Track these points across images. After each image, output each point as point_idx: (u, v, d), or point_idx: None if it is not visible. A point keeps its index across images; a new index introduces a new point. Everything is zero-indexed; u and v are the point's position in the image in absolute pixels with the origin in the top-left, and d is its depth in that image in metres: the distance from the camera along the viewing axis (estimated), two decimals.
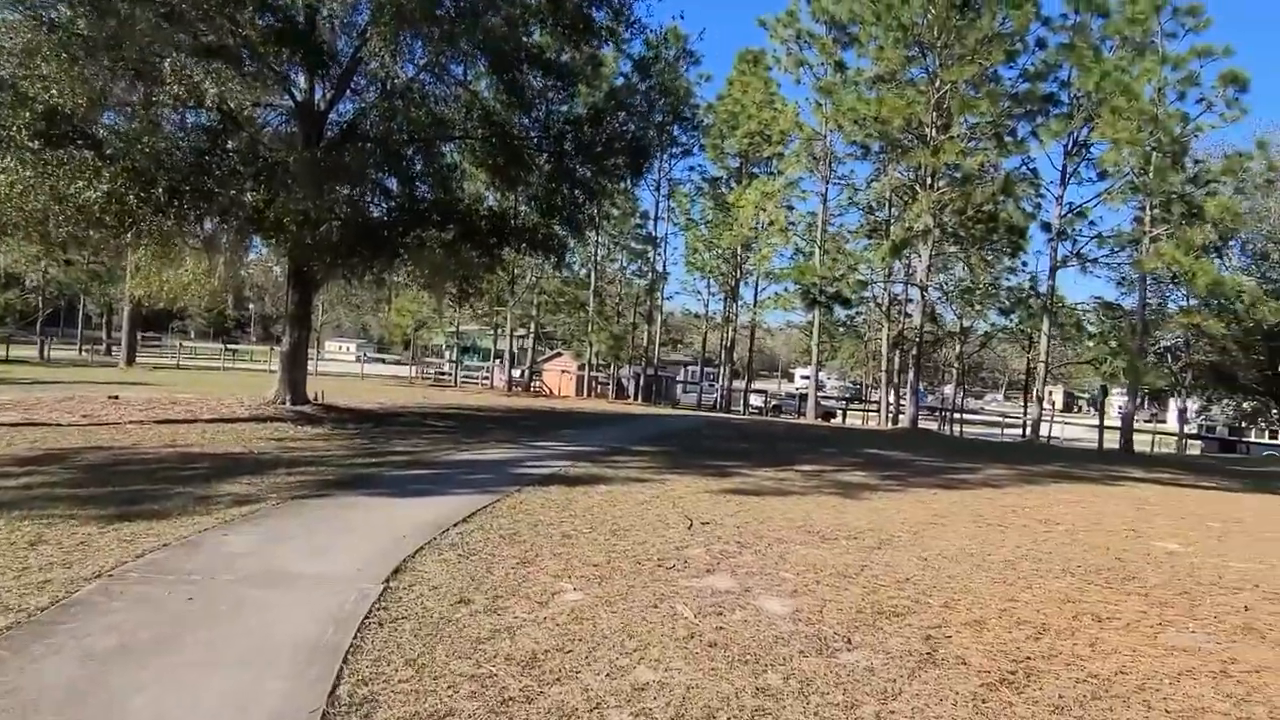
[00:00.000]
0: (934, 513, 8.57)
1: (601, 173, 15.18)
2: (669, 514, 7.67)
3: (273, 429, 12.89)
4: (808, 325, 44.57)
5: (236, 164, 11.73)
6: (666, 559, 6.00)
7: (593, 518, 7.34)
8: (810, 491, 9.60)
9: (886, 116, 23.38)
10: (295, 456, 10.23)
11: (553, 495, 8.37)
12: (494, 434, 14.17)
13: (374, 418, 15.63)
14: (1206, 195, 21.08)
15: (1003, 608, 5.14)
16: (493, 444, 12.65)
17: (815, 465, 12.39)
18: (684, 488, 9.32)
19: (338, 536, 6.24)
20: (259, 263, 32.79)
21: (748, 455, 13.36)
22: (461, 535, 6.45)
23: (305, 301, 15.22)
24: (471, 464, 10.38)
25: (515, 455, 11.51)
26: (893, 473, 12.01)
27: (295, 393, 15.22)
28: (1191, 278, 20.25)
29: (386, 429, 14.07)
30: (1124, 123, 20.88)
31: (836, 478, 11.02)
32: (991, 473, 12.89)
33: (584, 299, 37.53)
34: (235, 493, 7.69)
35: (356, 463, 9.96)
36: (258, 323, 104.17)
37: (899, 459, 14.30)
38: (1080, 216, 24.55)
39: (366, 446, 11.62)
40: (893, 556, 6.40)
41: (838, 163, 30.89)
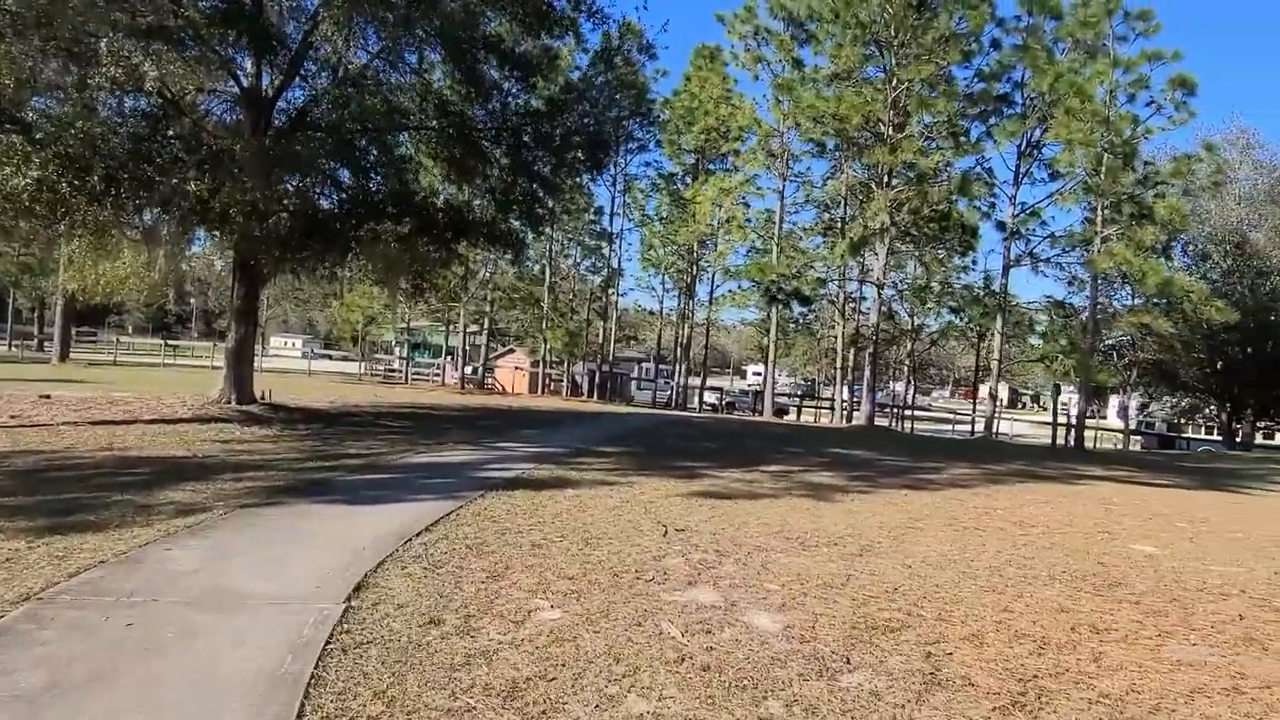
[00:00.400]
0: (909, 516, 8.42)
1: (561, 166, 14.82)
2: (642, 520, 7.38)
3: (218, 430, 12.30)
4: (761, 322, 44.74)
5: (179, 151, 11.10)
6: (645, 570, 5.71)
7: (562, 525, 7.02)
8: (782, 494, 9.39)
9: (845, 114, 23.38)
10: (243, 460, 9.71)
11: (519, 501, 8.02)
12: (452, 434, 13.73)
13: (325, 417, 15.06)
14: (1156, 197, 21.47)
15: (998, 619, 4.95)
16: (451, 445, 12.23)
17: (782, 466, 12.21)
18: (653, 491, 9.04)
19: (292, 550, 5.82)
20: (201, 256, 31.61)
21: (713, 455, 13.14)
22: (425, 546, 6.08)
23: (251, 296, 14.58)
24: (431, 467, 9.96)
25: (476, 457, 11.11)
26: (860, 473, 11.88)
27: (241, 391, 14.58)
28: (1142, 277, 20.60)
29: (339, 429, 13.54)
30: (1078, 124, 21.15)
31: (805, 479, 10.84)
32: (957, 472, 12.85)
33: (539, 295, 37.03)
34: (179, 501, 7.20)
35: (308, 466, 9.48)
36: (199, 318, 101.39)
37: (863, 458, 14.22)
38: (1034, 216, 24.87)
39: (318, 449, 11.11)
40: (876, 564, 6.20)
41: (794, 160, 30.89)
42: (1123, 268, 20.81)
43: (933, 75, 24.02)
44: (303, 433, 12.75)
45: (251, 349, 14.83)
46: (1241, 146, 32.20)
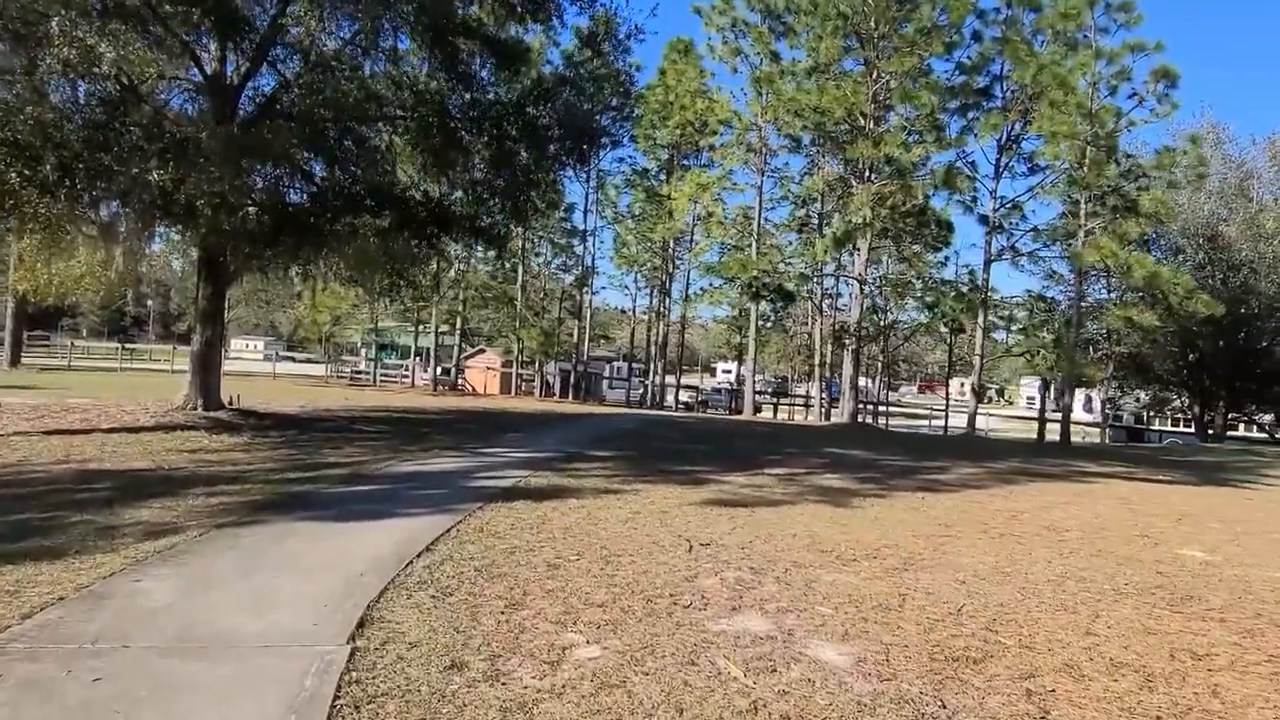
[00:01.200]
0: (937, 522, 7.93)
1: (544, 159, 14.15)
2: (660, 533, 6.79)
3: (184, 439, 11.48)
4: (733, 320, 44.40)
5: (139, 139, 10.27)
6: (680, 593, 5.13)
7: (576, 541, 6.41)
8: (796, 500, 8.85)
9: (827, 107, 22.98)
10: (214, 472, 8.96)
11: (522, 513, 7.39)
12: (434, 440, 13.02)
13: (297, 423, 14.27)
14: (1140, 190, 21.35)
15: (1085, 645, 4.44)
16: (436, 452, 11.53)
17: (784, 468, 11.69)
18: (662, 499, 8.47)
19: (280, 577, 5.14)
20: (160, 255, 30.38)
21: (710, 458, 12.60)
22: (430, 569, 5.44)
23: (218, 295, 13.73)
24: (419, 477, 9.28)
25: (465, 465, 10.43)
26: (867, 475, 11.40)
27: (208, 397, 13.74)
28: (1127, 270, 20.45)
29: (313, 436, 12.77)
30: (1061, 116, 20.93)
31: (814, 482, 10.33)
32: (963, 473, 12.43)
33: (512, 294, 36.23)
34: (147, 521, 6.48)
35: (287, 478, 8.75)
36: (157, 320, 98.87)
37: (863, 458, 13.76)
38: (1016, 209, 24.69)
39: (295, 458, 10.36)
40: (927, 580, 5.68)
41: (771, 155, 30.46)
42: (1108, 261, 20.64)
43: (914, 68, 23.71)
44: (276, 440, 11.97)
45: (218, 352, 14.00)
46: (1212, 141, 32.40)
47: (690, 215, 32.88)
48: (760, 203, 29.87)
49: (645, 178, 36.70)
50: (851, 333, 24.84)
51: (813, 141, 31.25)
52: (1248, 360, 31.62)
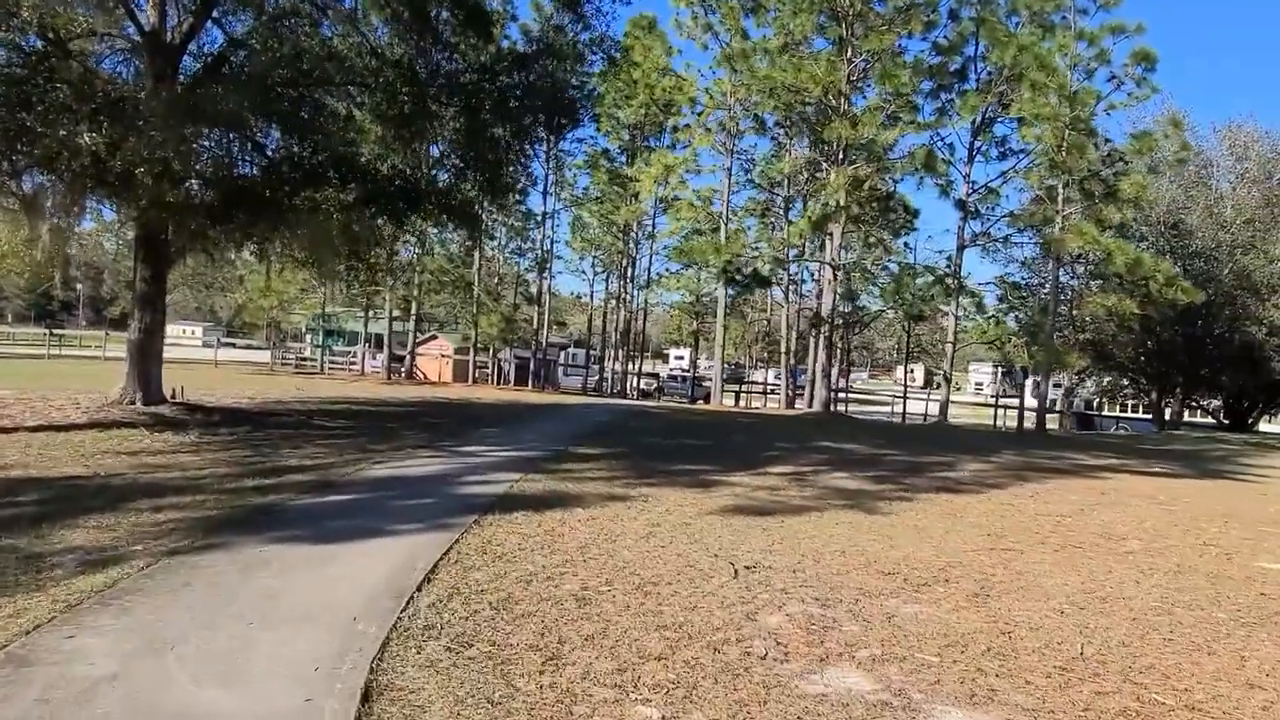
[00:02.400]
0: (983, 531, 7.18)
1: (519, 132, 13.07)
2: (692, 552, 5.91)
3: (123, 438, 10.23)
4: (689, 305, 43.59)
5: (67, 98, 8.96)
6: (747, 638, 4.25)
7: (599, 564, 5.50)
8: (819, 506, 8.03)
9: (803, 85, 22.18)
10: (160, 479, 7.80)
11: (525, 528, 6.44)
12: (405, 437, 11.91)
13: (250, 418, 13.01)
14: (1119, 174, 21.02)
15: (1260, 704, 3.68)
16: (410, 451, 10.45)
17: (787, 466, 10.89)
18: (676, 506, 7.58)
19: (255, 628, 4.13)
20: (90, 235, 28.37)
21: (706, 455, 11.75)
22: (437, 608, 4.49)
23: (158, 278, 12.39)
24: (398, 483, 8.24)
25: (446, 467, 9.40)
26: (875, 473, 10.65)
27: (148, 389, 12.43)
28: (1108, 257, 20.11)
29: (269, 433, 11.56)
30: (1042, 98, 20.46)
31: (827, 483, 9.53)
32: (971, 468, 11.78)
33: (469, 278, 34.88)
34: (82, 546, 5.39)
35: (246, 486, 7.64)
36: (88, 305, 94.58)
37: (861, 453, 13.05)
38: (992, 194, 24.24)
39: (251, 460, 9.21)
40: (1019, 610, 4.89)
41: (739, 137, 29.63)
42: (1089, 247, 20.29)
43: (891, 47, 23.04)
44: (227, 439, 10.77)
45: (160, 340, 12.66)
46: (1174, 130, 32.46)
47: (653, 198, 31.89)
48: (729, 185, 29.04)
49: (607, 159, 35.54)
50: (825, 320, 24.19)
51: (778, 123, 30.51)
52: (1205, 347, 31.86)
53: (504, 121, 12.53)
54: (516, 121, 13.05)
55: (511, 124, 12.95)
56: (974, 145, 25.11)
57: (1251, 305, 30.67)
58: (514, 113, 12.84)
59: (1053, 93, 20.15)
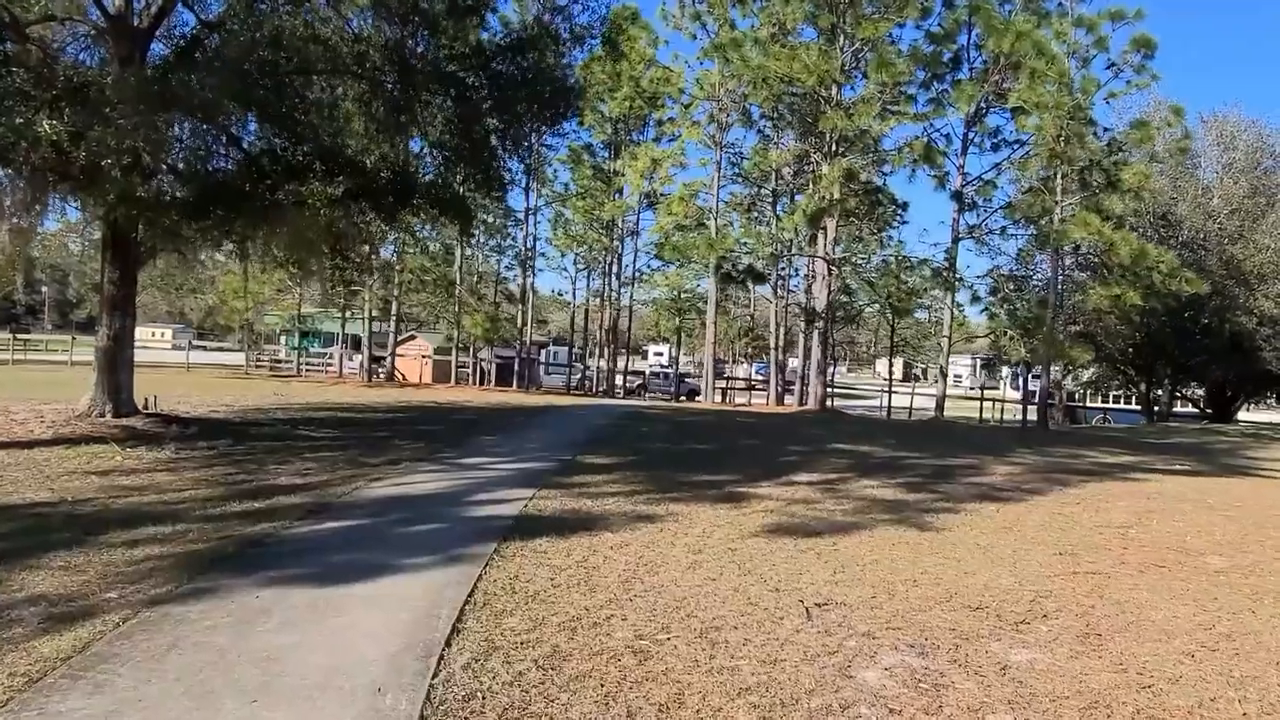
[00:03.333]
0: (1052, 549, 6.57)
1: (513, 121, 12.29)
2: (747, 585, 5.23)
3: (92, 456, 9.37)
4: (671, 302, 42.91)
5: (24, 83, 8.09)
6: (850, 703, 3.58)
7: (647, 604, 4.81)
8: (865, 521, 7.38)
9: (796, 75, 21.55)
10: (134, 505, 7.00)
11: (554, 557, 5.73)
12: (399, 448, 11.11)
13: (230, 430, 12.16)
14: (1120, 163, 20.61)
15: None
16: (408, 465, 9.66)
17: (811, 474, 10.23)
18: (711, 525, 6.90)
19: (260, 708, 3.39)
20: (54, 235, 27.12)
21: (722, 462, 11.07)
22: (475, 672, 3.78)
23: (128, 280, 11.50)
24: (402, 504, 7.48)
25: (450, 483, 8.63)
26: (906, 480, 10.03)
27: (118, 400, 11.55)
28: (1111, 248, 19.68)
29: (252, 447, 10.73)
30: (1042, 86, 19.98)
31: (861, 493, 8.89)
32: (1000, 471, 11.19)
33: (452, 277, 33.96)
34: (45, 595, 4.63)
35: (232, 512, 6.85)
36: (54, 308, 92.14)
37: (880, 456, 12.43)
38: (989, 185, 23.75)
39: (235, 479, 8.41)
40: (1143, 655, 4.26)
41: (728, 130, 28.95)
42: (1091, 238, 19.84)
43: (885, 35, 22.49)
44: (207, 454, 9.93)
45: (130, 346, 11.77)
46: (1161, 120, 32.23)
47: (638, 194, 31.20)
48: (718, 179, 28.37)
49: (589, 154, 34.73)
50: (821, 315, 23.61)
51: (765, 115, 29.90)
52: (1194, 338, 31.67)
53: (497, 111, 11.76)
54: (510, 110, 12.27)
55: (504, 113, 12.18)
56: (967, 136, 24.64)
57: (1240, 295, 30.50)
58: (508, 101, 12.06)
59: (1052, 81, 19.66)
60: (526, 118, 12.41)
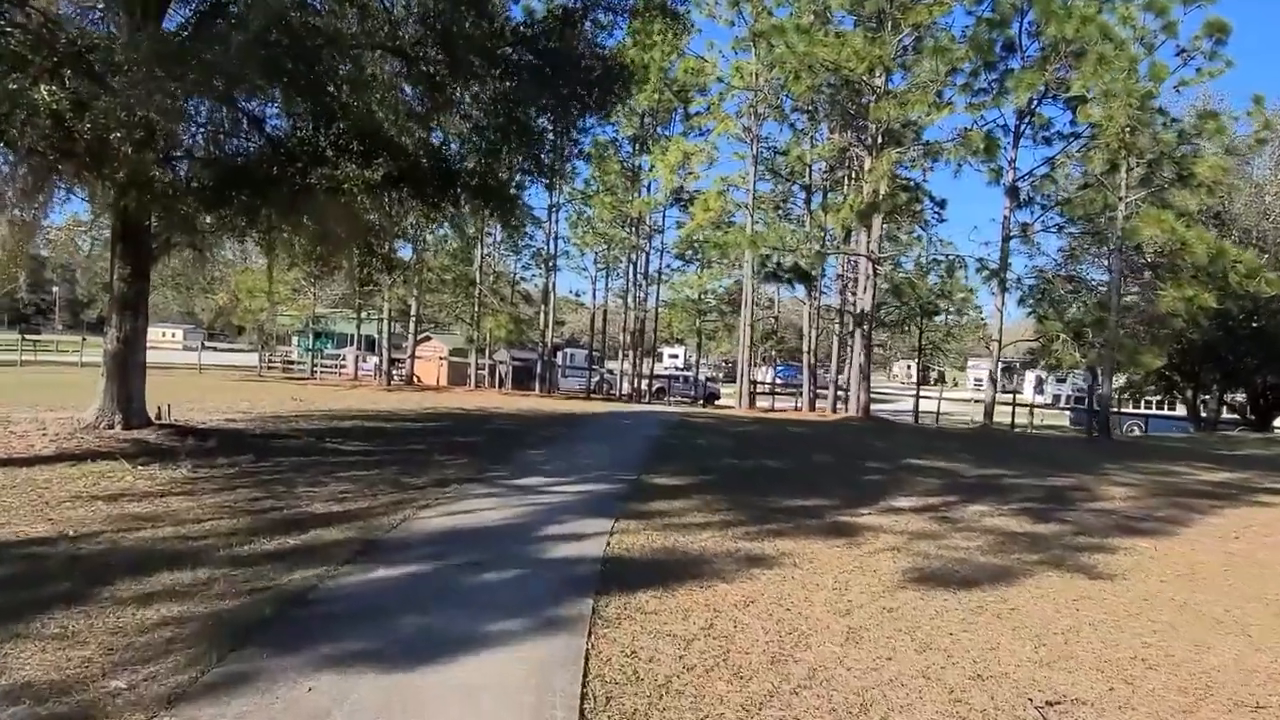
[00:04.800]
0: (1273, 610, 5.35)
1: (563, 103, 11.11)
2: (935, 668, 4.05)
3: (99, 475, 8.23)
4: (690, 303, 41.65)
5: (20, 46, 6.96)
6: None
7: (820, 700, 3.64)
8: (1020, 566, 6.18)
9: (842, 63, 20.32)
10: (147, 541, 5.86)
11: (671, 624, 4.56)
12: (442, 464, 9.93)
13: (251, 443, 11.01)
14: (1192, 156, 19.32)
15: None
16: (458, 488, 8.48)
17: (909, 497, 9.03)
18: (836, 570, 5.73)
19: None
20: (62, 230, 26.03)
21: (800, 481, 9.85)
22: None
23: (139, 276, 10.37)
24: (462, 540, 6.31)
25: (512, 513, 7.43)
26: (1020, 505, 8.82)
27: (129, 409, 10.43)
28: (1183, 246, 18.39)
29: (278, 462, 9.57)
30: (1109, 73, 18.69)
31: (984, 524, 7.69)
32: (1119, 495, 9.96)
33: (473, 277, 32.82)
34: (31, 683, 3.54)
35: (262, 552, 5.70)
36: (64, 308, 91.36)
37: (972, 475, 11.21)
38: (1048, 180, 22.43)
39: (262, 505, 7.25)
40: None
41: (763, 122, 27.67)
42: (1165, 236, 18.54)
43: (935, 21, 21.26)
44: (228, 473, 8.78)
45: (142, 349, 10.65)
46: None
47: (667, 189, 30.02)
48: (754, 173, 27.11)
49: (614, 148, 33.51)
50: (868, 317, 22.36)
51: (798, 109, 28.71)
52: (1245, 341, 30.25)
53: (546, 91, 10.58)
54: (557, 91, 11.09)
55: (552, 95, 10.99)
56: (1019, 128, 23.34)
57: None
58: (555, 81, 10.89)
59: (1120, 68, 18.37)
60: (575, 101, 11.21)
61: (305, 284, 34.14)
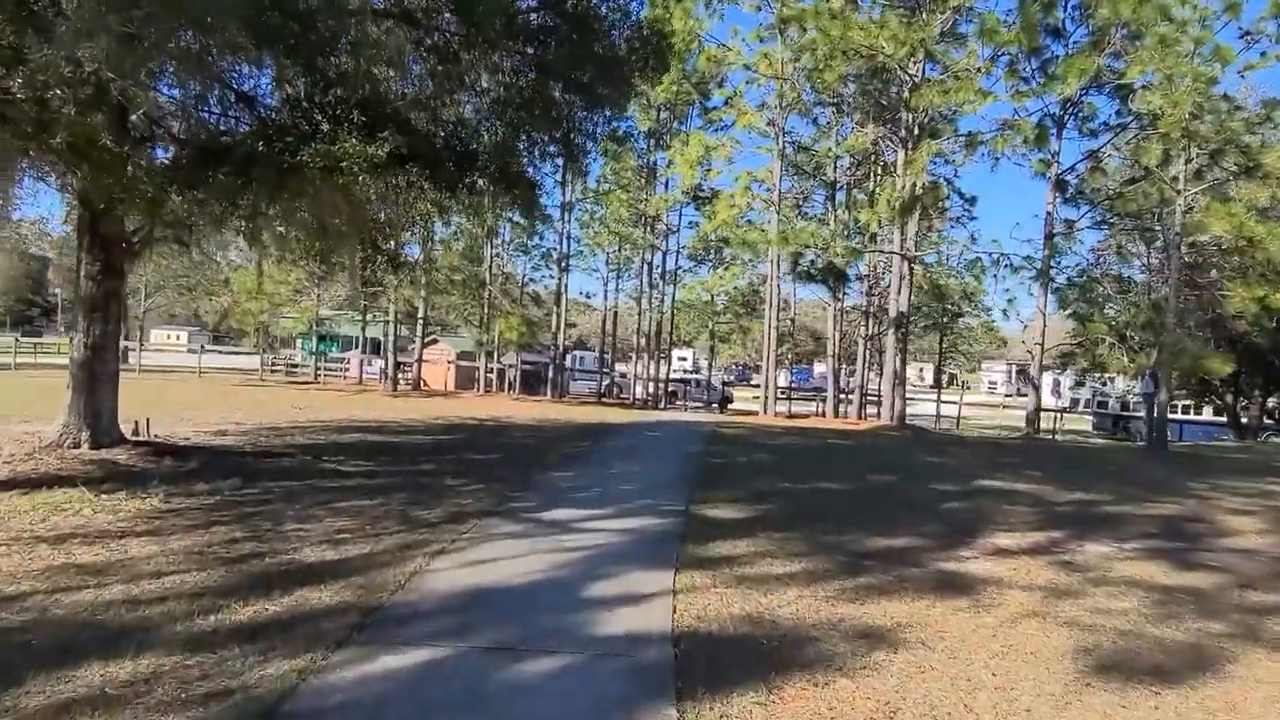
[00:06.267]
0: None
1: (597, 78, 9.73)
2: None
3: (52, 506, 6.91)
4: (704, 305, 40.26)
5: None
6: None
7: None
8: (1210, 644, 4.81)
9: (881, 47, 18.96)
10: (84, 608, 4.54)
11: None
12: (454, 490, 8.57)
13: (239, 462, 9.68)
14: (1262, 146, 17.92)
15: None
16: (475, 524, 7.10)
17: (1014, 535, 7.63)
18: (988, 654, 4.36)
19: None
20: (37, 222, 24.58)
21: (878, 513, 8.43)
22: None
23: (112, 274, 9.07)
24: (488, 605, 4.94)
25: (547, 562, 6.01)
26: (1147, 545, 7.44)
27: (98, 427, 9.11)
28: (1252, 243, 16.98)
29: (266, 489, 8.22)
30: (1173, 56, 17.29)
31: (1126, 575, 6.30)
32: (1247, 523, 8.57)
33: (482, 276, 31.50)
34: None
35: (231, 628, 4.35)
36: (68, 309, 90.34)
37: (1062, 501, 9.81)
38: (1100, 172, 21.00)
39: (240, 551, 5.90)
40: None
41: (790, 114, 26.31)
42: (1232, 232, 17.12)
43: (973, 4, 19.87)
44: (207, 504, 7.44)
45: (114, 357, 9.34)
46: None
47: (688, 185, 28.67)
48: (780, 168, 25.71)
49: (629, 141, 32.11)
50: (905, 318, 20.96)
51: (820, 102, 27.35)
52: None
53: (577, 61, 9.22)
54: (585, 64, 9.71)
55: (579, 69, 9.61)
56: (1062, 119, 21.93)
57: None
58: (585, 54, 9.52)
59: (1190, 47, 16.98)
60: (614, 70, 9.79)
61: (308, 285, 32.85)
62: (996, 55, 19.41)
